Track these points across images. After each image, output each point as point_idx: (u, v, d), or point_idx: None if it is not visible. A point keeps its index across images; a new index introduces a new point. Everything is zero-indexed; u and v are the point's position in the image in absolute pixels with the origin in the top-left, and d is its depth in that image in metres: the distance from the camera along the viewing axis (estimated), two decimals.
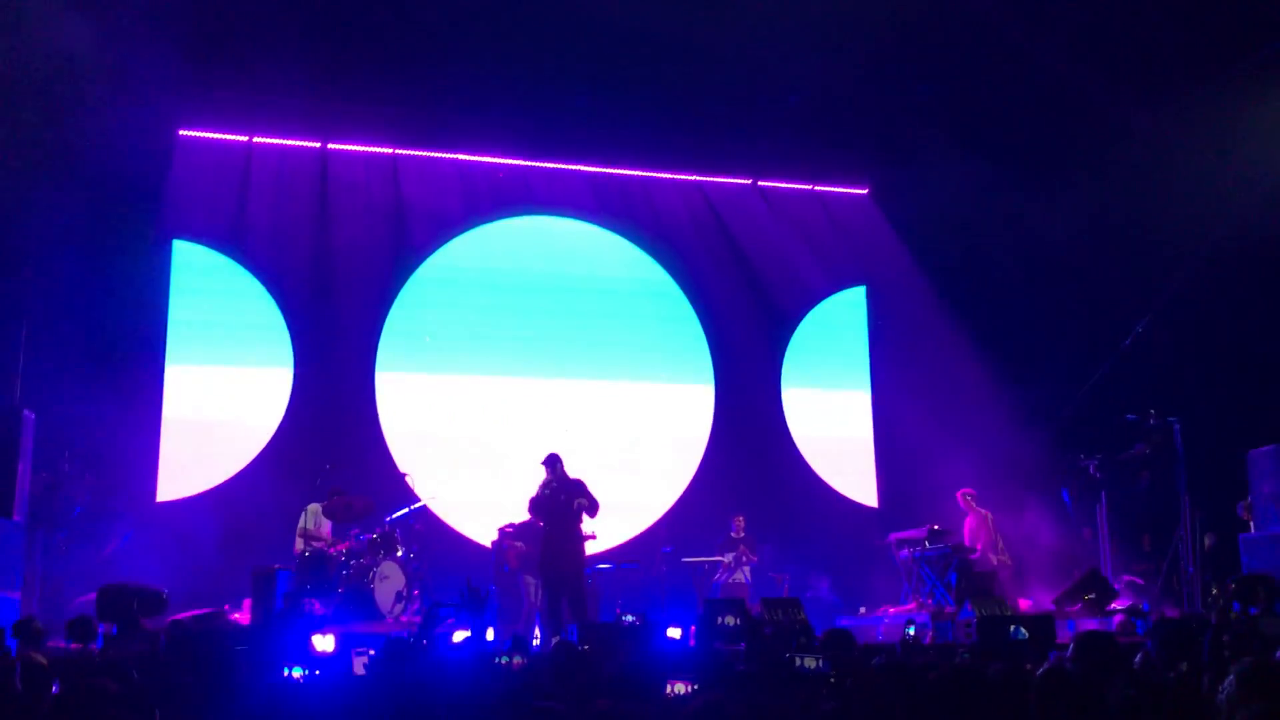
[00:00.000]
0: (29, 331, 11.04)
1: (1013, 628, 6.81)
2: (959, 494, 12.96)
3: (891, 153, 15.19)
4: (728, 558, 13.17)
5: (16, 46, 10.52)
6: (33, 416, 9.96)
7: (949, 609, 11.34)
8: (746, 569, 13.17)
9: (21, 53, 10.62)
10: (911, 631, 7.29)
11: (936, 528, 12.50)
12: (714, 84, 13.69)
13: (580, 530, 11.06)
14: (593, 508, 10.91)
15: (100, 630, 8.86)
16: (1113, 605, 11.11)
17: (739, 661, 5.55)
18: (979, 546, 12.46)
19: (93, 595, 9.48)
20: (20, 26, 10.51)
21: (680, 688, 4.62)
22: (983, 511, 12.80)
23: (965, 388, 14.53)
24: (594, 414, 14.78)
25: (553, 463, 11.06)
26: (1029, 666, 6.24)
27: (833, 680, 5.02)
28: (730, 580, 13.08)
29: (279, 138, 14.33)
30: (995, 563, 12.40)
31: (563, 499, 10.90)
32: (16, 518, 9.58)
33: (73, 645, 8.52)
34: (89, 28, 11.24)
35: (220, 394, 13.70)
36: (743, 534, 13.35)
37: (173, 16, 11.59)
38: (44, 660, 5.95)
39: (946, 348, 14.92)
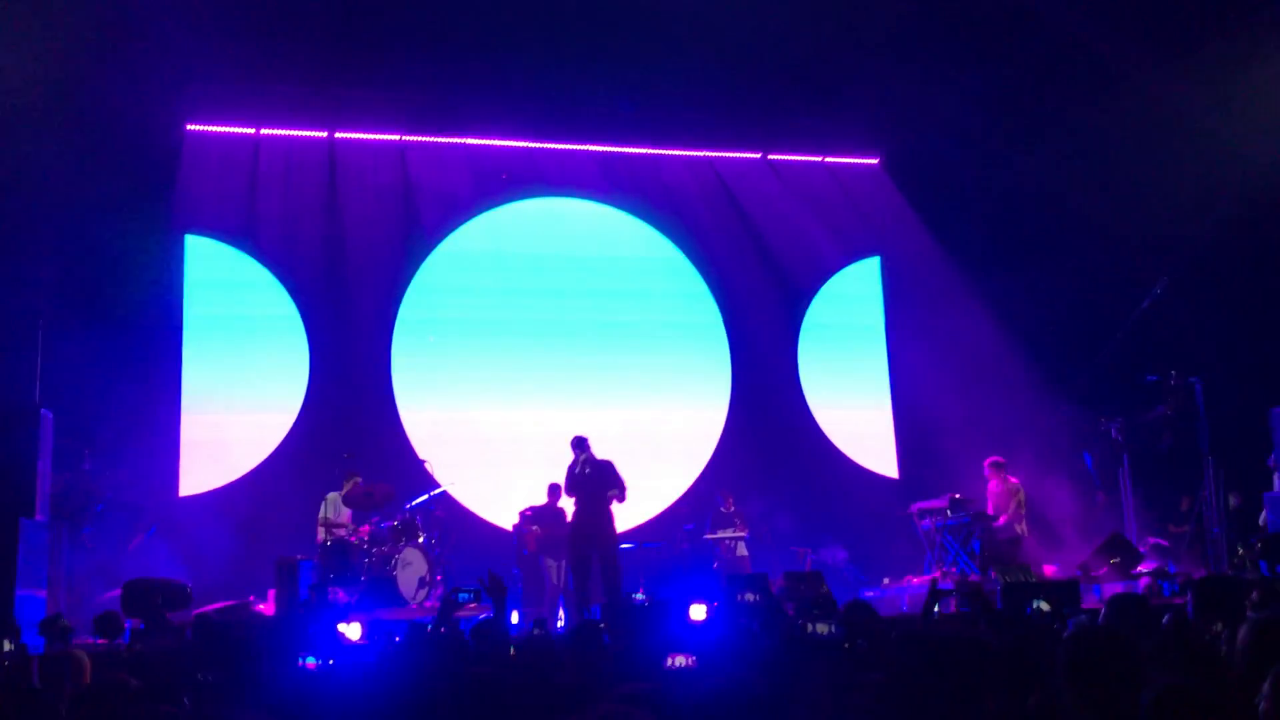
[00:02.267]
0: (46, 331, 11.08)
1: (1033, 602, 6.75)
2: (986, 462, 12.83)
3: (902, 121, 15.05)
4: (727, 532, 13.19)
5: (24, 46, 10.52)
6: (51, 415, 10.00)
7: (973, 577, 11.30)
8: (741, 544, 13.17)
9: (28, 52, 10.62)
10: (937, 609, 7.23)
11: (958, 496, 12.45)
12: (721, 56, 13.58)
13: (610, 509, 11.08)
14: (621, 493, 10.96)
15: (127, 625, 8.94)
16: (1138, 568, 11.05)
17: (753, 636, 5.54)
18: (1002, 515, 12.39)
19: (118, 591, 9.53)
20: (27, 26, 10.52)
21: (680, 660, 4.60)
22: (1012, 480, 12.68)
23: (983, 355, 14.44)
24: (611, 393, 14.75)
25: (581, 444, 11.09)
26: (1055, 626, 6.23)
27: (846, 646, 4.99)
28: (734, 556, 13.10)
29: (286, 129, 14.32)
30: (1019, 530, 12.33)
31: (592, 479, 10.91)
32: (39, 517, 9.63)
33: (100, 641, 8.60)
34: (94, 25, 11.25)
35: (238, 386, 13.73)
36: (732, 508, 13.33)
37: (176, 10, 11.57)
38: (84, 656, 5.99)
39: (963, 315, 14.82)
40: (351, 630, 8.55)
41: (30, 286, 11.71)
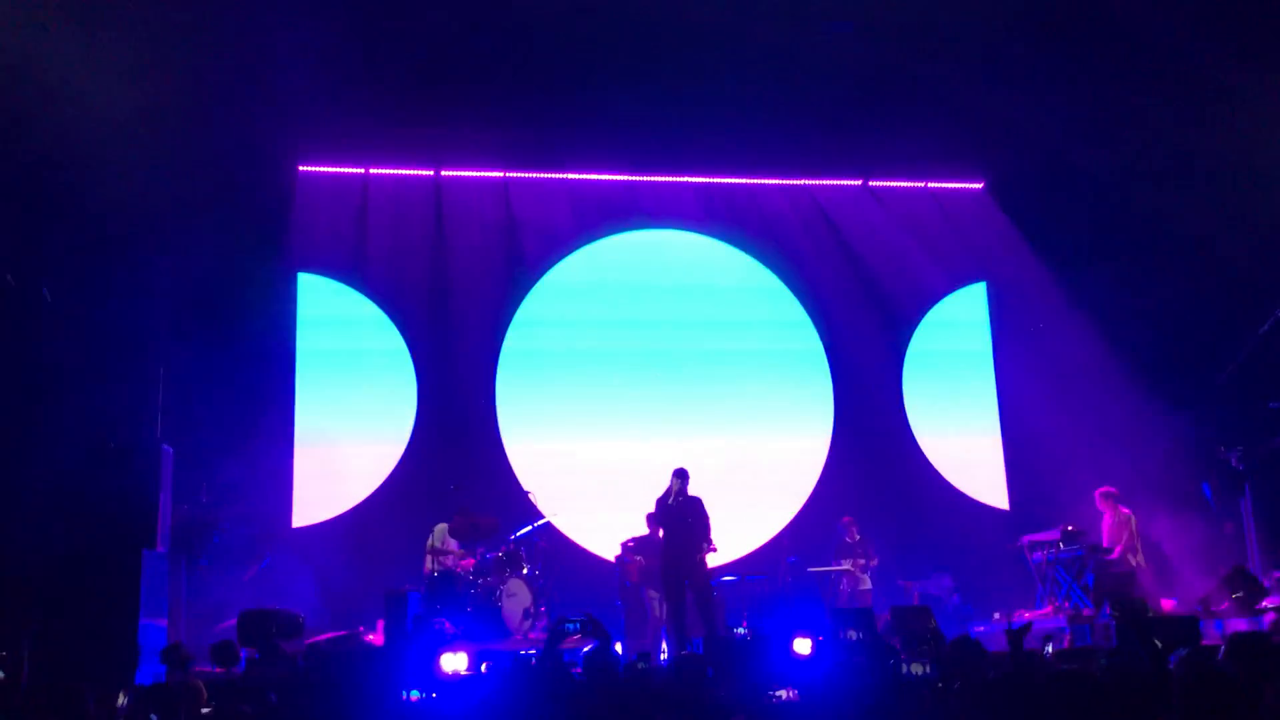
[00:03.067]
0: (166, 368, 11.51)
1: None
2: (1098, 492, 12.44)
3: (1006, 144, 14.80)
4: (846, 564, 12.99)
5: (134, 93, 10.98)
6: (172, 451, 10.38)
7: (1086, 611, 10.98)
8: (867, 576, 12.96)
9: (140, 99, 11.08)
10: (1050, 650, 7.03)
11: (1071, 528, 12.10)
12: (819, 84, 13.54)
13: (701, 542, 11.01)
14: (706, 531, 10.85)
15: (242, 654, 9.19)
16: (1263, 603, 10.61)
17: (852, 673, 5.46)
18: (1117, 547, 12.01)
19: (233, 621, 9.81)
20: (146, 70, 10.97)
21: (784, 694, 4.58)
22: (1124, 511, 12.28)
23: (1095, 382, 14.07)
24: (712, 424, 14.73)
25: (681, 475, 11.00)
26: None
27: (940, 686, 4.88)
28: (856, 589, 12.90)
29: (394, 168, 14.72)
30: (1134, 564, 11.93)
31: (682, 511, 10.88)
32: (160, 549, 9.98)
33: (216, 670, 8.85)
34: (209, 70, 11.71)
35: (348, 420, 14.07)
36: (857, 537, 13.13)
37: (284, 55, 11.97)
38: (201, 685, 6.19)
39: (1073, 341, 14.47)
40: (457, 660, 8.67)
41: (151, 325, 12.18)
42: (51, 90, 10.55)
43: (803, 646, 8.74)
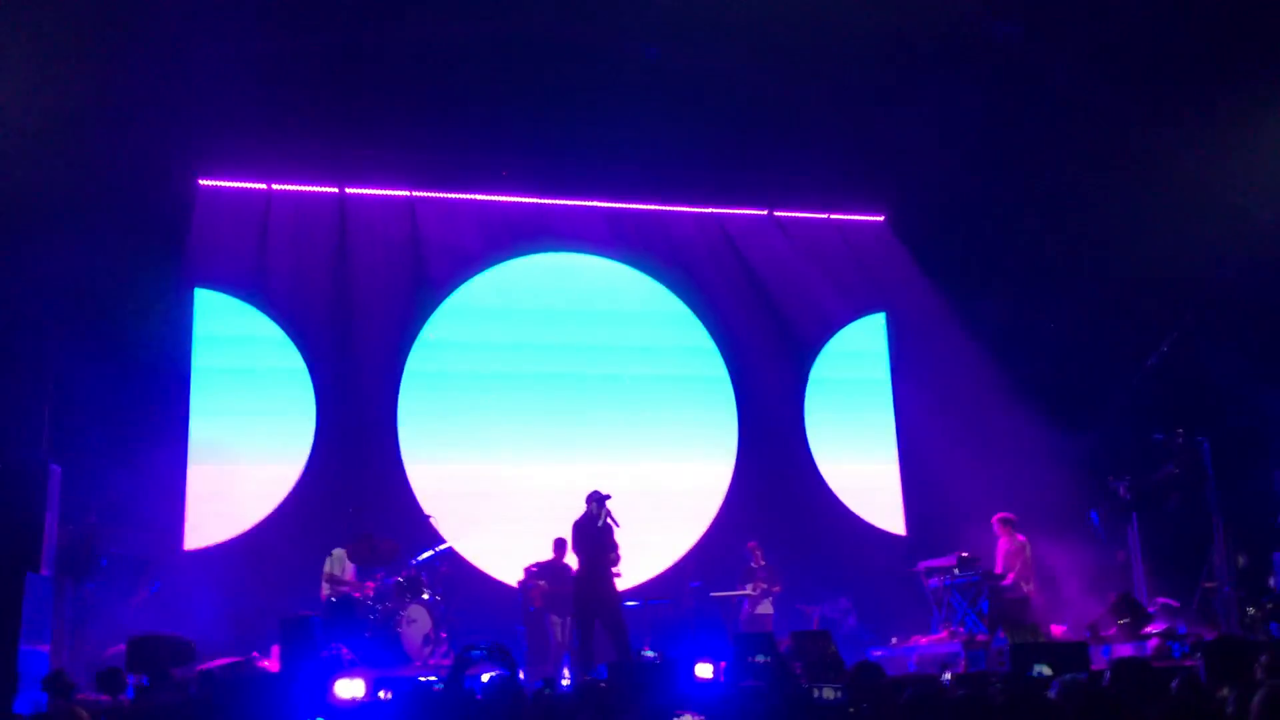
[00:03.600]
0: (55, 385, 11.13)
1: (1035, 668, 6.68)
2: (995, 519, 12.70)
3: (908, 179, 15.18)
4: (749, 589, 13.08)
5: (35, 100, 10.66)
6: (59, 469, 10.01)
7: (981, 637, 11.20)
8: (769, 601, 13.07)
9: (40, 106, 10.76)
10: (948, 676, 7.16)
11: (965, 555, 12.34)
12: (729, 115, 13.74)
13: (613, 569, 10.99)
14: (617, 556, 10.83)
15: (130, 681, 8.87)
16: (1148, 629, 10.95)
17: (761, 697, 5.50)
18: (1011, 574, 12.30)
19: (122, 646, 9.48)
20: (41, 79, 10.66)
21: (689, 719, 4.58)
22: (1019, 538, 12.56)
23: (990, 412, 14.42)
24: (617, 448, 14.73)
25: (600, 500, 10.83)
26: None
27: (852, 712, 4.95)
28: (755, 612, 12.99)
29: (297, 184, 14.47)
30: (1027, 590, 12.22)
31: (602, 537, 10.81)
32: (45, 571, 9.59)
33: (103, 698, 8.54)
34: (107, 80, 11.41)
35: (244, 441, 13.73)
36: (762, 563, 13.24)
37: (188, 68, 11.74)
38: (85, 714, 5.95)
39: (970, 372, 14.84)
40: (354, 687, 8.50)
41: (40, 339, 11.77)
42: None
43: (704, 671, 8.77)
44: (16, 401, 11.20)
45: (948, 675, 7.30)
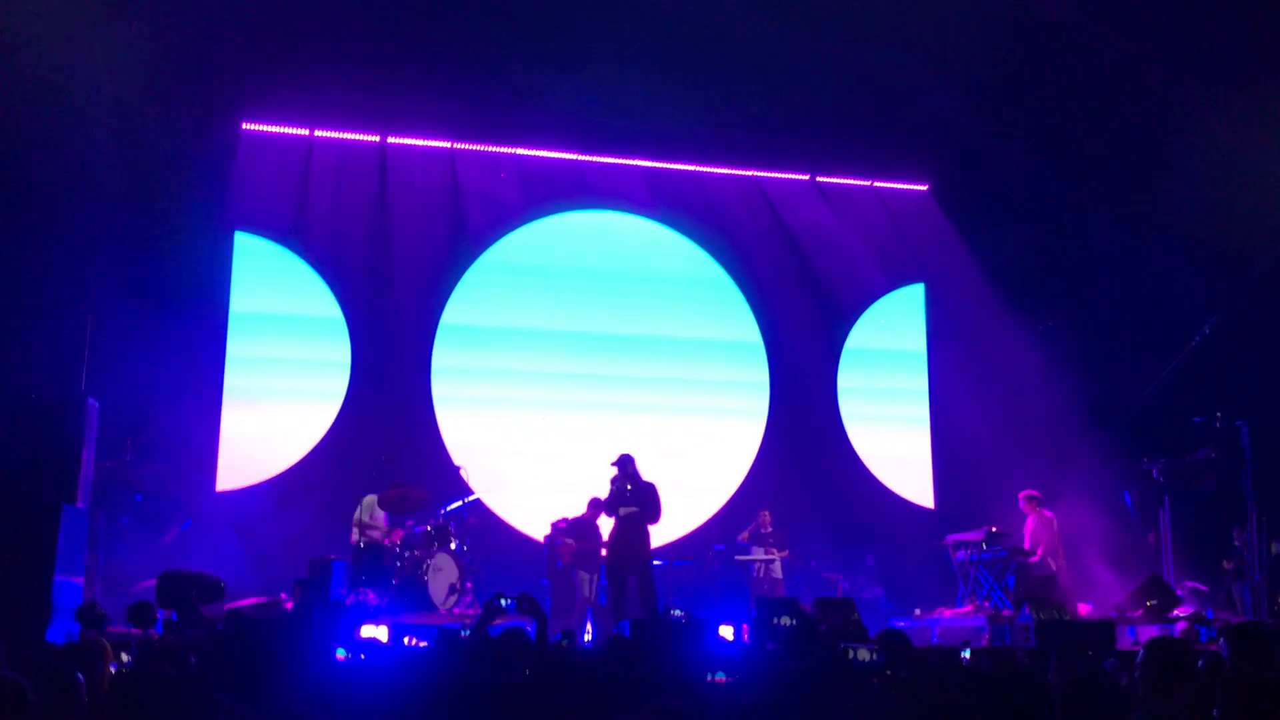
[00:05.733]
0: (94, 321, 11.22)
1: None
2: (1021, 495, 12.66)
3: (952, 149, 14.98)
4: (758, 553, 13.11)
5: (79, 45, 10.69)
6: (97, 405, 10.11)
7: (1006, 612, 11.16)
8: (778, 564, 13.08)
9: (85, 51, 10.79)
10: (967, 654, 7.13)
11: (994, 530, 12.29)
12: (773, 79, 13.59)
13: (647, 530, 11.07)
14: (655, 516, 10.99)
15: (160, 616, 9.00)
16: (1175, 612, 10.88)
17: (790, 658, 5.49)
18: (1039, 550, 12.23)
19: (153, 582, 9.61)
20: (85, 24, 10.69)
21: (720, 676, 4.59)
22: (1047, 514, 12.50)
23: (1026, 388, 14.31)
24: (648, 408, 14.73)
25: (627, 462, 11.07)
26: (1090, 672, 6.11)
27: (888, 673, 4.93)
28: (769, 575, 13.02)
29: (339, 131, 14.46)
30: (1054, 567, 12.16)
31: (634, 498, 10.94)
32: (80, 504, 9.72)
33: (133, 630, 8.66)
34: (153, 24, 11.42)
35: (279, 385, 13.84)
36: (769, 529, 13.26)
37: (235, 12, 11.72)
38: (109, 646, 6.04)
39: (1007, 347, 14.71)
40: (378, 633, 8.59)
41: (80, 277, 11.88)
42: None
43: (726, 633, 8.79)
44: (57, 338, 11.31)
45: (967, 653, 7.26)
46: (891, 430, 15.70)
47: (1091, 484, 13.34)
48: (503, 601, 6.47)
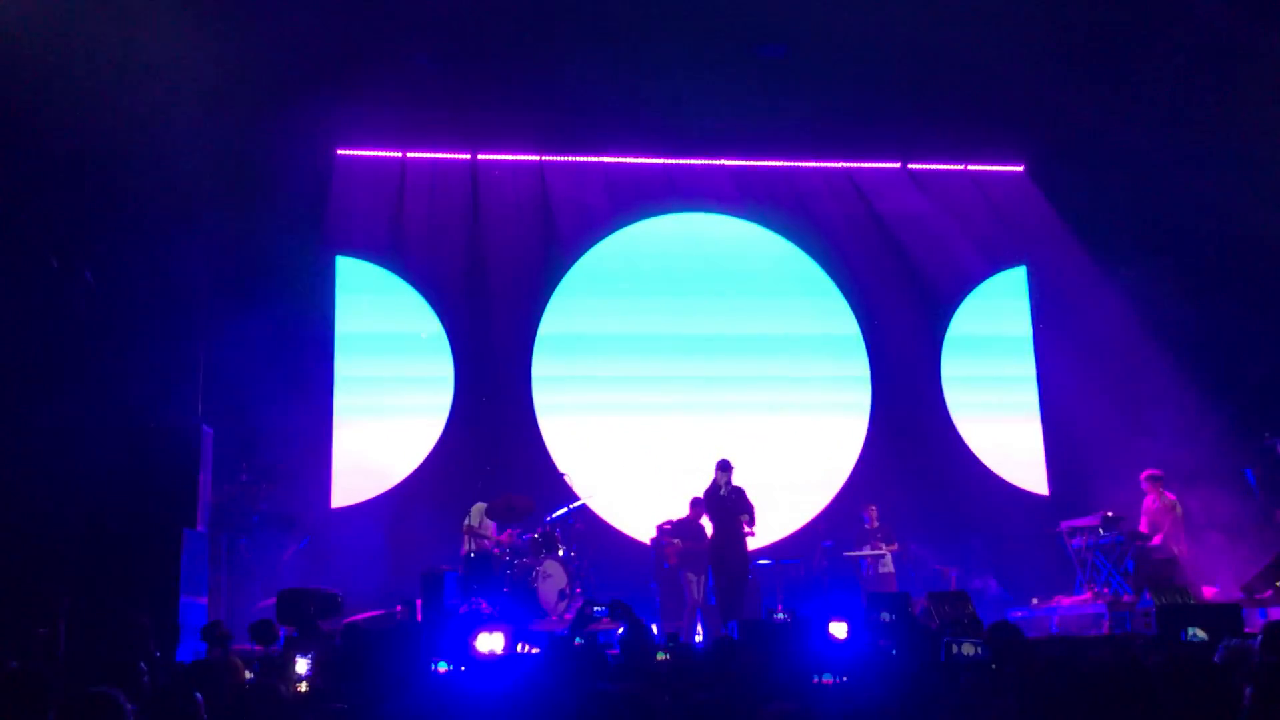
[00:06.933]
0: (206, 352, 11.62)
1: (1189, 631, 6.41)
2: (1143, 475, 12.26)
3: (1047, 127, 14.60)
4: (865, 550, 12.98)
5: (183, 77, 11.07)
6: (211, 431, 10.48)
7: (1126, 598, 10.87)
8: (887, 559, 12.93)
9: (186, 85, 11.16)
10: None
11: (1110, 514, 11.96)
12: (858, 67, 13.41)
13: (744, 529, 11.20)
14: (751, 520, 11.21)
15: (281, 633, 9.27)
16: None
17: (895, 656, 5.43)
18: (1159, 533, 11.87)
19: (272, 600, 9.90)
20: (186, 58, 11.05)
21: (828, 678, 4.57)
22: (1169, 496, 12.11)
23: (1137, 366, 13.91)
24: (748, 408, 14.69)
25: (724, 467, 11.31)
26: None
27: (994, 668, 4.83)
28: (879, 571, 12.88)
29: (431, 152, 14.76)
30: (1176, 550, 11.78)
31: (729, 502, 11.17)
32: (200, 528, 10.08)
33: (256, 647, 8.93)
34: (249, 56, 11.77)
35: (387, 403, 14.16)
36: (876, 524, 13.12)
37: (323, 41, 12.02)
38: (240, 663, 6.26)
39: (1115, 326, 14.31)
40: (494, 640, 8.72)
41: (192, 308, 12.30)
42: (92, 75, 10.65)
43: (839, 630, 8.72)
44: (171, 369, 11.73)
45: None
46: (1000, 417, 15.36)
47: (1212, 462, 12.89)
48: (595, 610, 6.53)
